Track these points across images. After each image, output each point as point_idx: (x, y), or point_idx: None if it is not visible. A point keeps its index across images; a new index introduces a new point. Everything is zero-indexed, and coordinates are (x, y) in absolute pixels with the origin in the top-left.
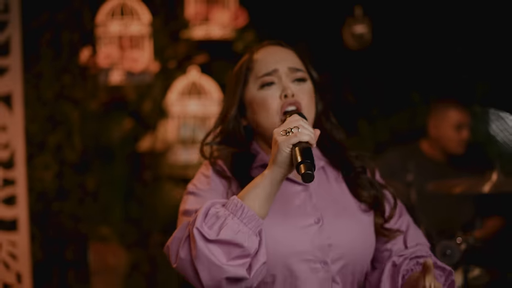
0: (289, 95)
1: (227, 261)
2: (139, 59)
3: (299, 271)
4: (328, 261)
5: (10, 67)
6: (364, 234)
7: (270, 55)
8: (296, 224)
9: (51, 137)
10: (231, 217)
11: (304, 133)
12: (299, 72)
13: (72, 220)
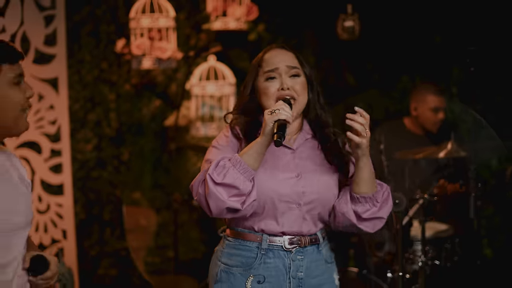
0: (285, 88)
1: (228, 198)
2: (166, 48)
3: (280, 207)
4: (301, 203)
5: (56, 55)
6: (329, 187)
7: (274, 56)
8: (282, 176)
9: (90, 115)
10: (232, 168)
11: (282, 114)
12: (294, 69)
13: (109, 186)
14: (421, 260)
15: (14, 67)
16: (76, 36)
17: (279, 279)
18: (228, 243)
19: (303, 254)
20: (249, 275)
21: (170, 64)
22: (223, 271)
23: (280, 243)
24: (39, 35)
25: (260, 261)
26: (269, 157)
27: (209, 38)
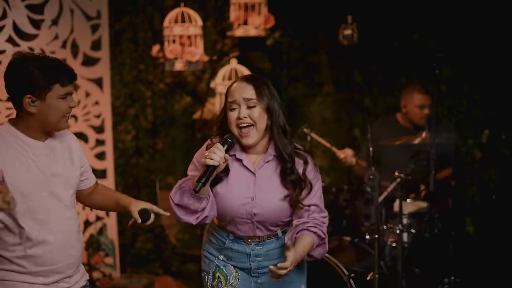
0: (241, 117)
1: (182, 215)
2: (195, 52)
3: (237, 221)
4: (253, 221)
5: (101, 58)
6: (278, 208)
7: (235, 89)
8: (239, 200)
9: (130, 110)
10: (187, 192)
11: (210, 160)
12: (250, 101)
13: (145, 171)
14: (399, 228)
15: (63, 88)
16: (118, 42)
17: (242, 260)
18: (211, 225)
19: (262, 245)
20: (221, 253)
21: (198, 66)
22: (207, 242)
23: (242, 237)
24: (87, 41)
25: (228, 246)
26: (233, 179)
27: (232, 43)
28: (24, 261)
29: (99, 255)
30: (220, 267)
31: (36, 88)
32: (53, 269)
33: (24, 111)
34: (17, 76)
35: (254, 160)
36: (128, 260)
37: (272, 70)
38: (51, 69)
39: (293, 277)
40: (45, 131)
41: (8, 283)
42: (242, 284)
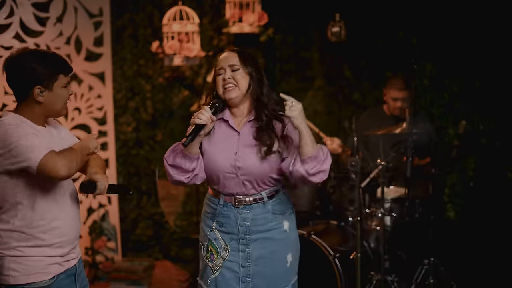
0: (226, 78)
1: (176, 174)
2: (192, 48)
3: (224, 177)
4: (238, 174)
5: (103, 53)
6: (260, 162)
7: (222, 58)
8: (224, 155)
9: (131, 102)
10: (179, 153)
11: (198, 119)
12: (234, 66)
13: (145, 161)
14: (381, 212)
15: (67, 77)
16: (119, 38)
17: (231, 225)
18: (206, 196)
19: (249, 209)
20: (214, 220)
21: (195, 61)
22: (203, 214)
23: (230, 201)
24: (89, 37)
25: (219, 212)
26: (219, 138)
27: (228, 39)
28: (46, 234)
29: (102, 240)
30: (212, 241)
31: (44, 79)
32: (68, 239)
33: (31, 100)
34: (25, 70)
35: (239, 121)
36: (129, 245)
37: (266, 65)
38: (55, 62)
39: (279, 246)
40: (46, 118)
41: (32, 259)
42: (232, 255)
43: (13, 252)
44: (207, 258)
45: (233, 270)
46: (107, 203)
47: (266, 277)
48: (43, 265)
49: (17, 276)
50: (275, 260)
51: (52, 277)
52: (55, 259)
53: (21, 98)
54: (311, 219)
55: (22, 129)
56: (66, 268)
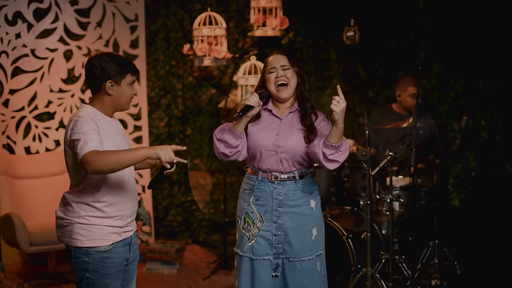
0: (279, 76)
1: (221, 148)
2: (221, 51)
3: (265, 154)
4: (277, 152)
5: (138, 55)
6: (297, 143)
7: (273, 59)
8: (267, 135)
9: (163, 100)
10: (227, 131)
11: (248, 101)
12: (285, 66)
13: (176, 154)
14: (389, 198)
15: (133, 76)
16: (153, 41)
17: (267, 198)
18: (245, 175)
19: (283, 185)
20: (252, 195)
21: (222, 62)
22: (241, 191)
23: (267, 177)
24: (126, 40)
25: (257, 187)
26: (263, 123)
27: (252, 42)
28: (109, 208)
29: (138, 224)
30: (248, 213)
31: (115, 75)
32: (126, 214)
33: (103, 93)
34: (101, 67)
35: (281, 112)
36: (161, 231)
37: None
38: (124, 62)
39: (306, 220)
40: (114, 111)
41: (95, 227)
42: (266, 225)
43: (81, 220)
44: (244, 229)
45: (267, 238)
46: (141, 191)
47: (294, 245)
48: (105, 233)
49: (83, 240)
50: (302, 232)
51: (111, 243)
52: (115, 229)
53: (95, 91)
54: (327, 204)
55: (88, 125)
56: (123, 238)
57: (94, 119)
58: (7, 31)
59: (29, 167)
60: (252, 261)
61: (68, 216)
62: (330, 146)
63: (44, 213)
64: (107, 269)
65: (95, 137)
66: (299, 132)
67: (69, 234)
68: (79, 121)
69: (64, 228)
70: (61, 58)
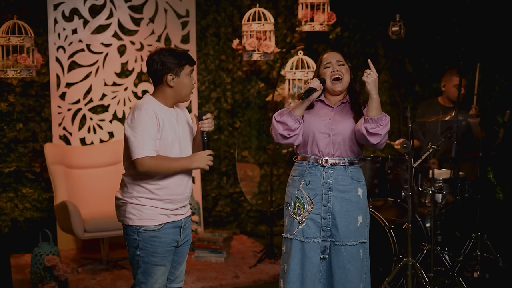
0: (335, 70)
1: (281, 129)
2: (270, 45)
3: (318, 136)
4: (330, 134)
5: (189, 50)
6: (348, 127)
7: (328, 56)
8: (321, 119)
9: (213, 93)
10: (286, 114)
11: (312, 84)
12: (340, 61)
13: (225, 146)
14: (431, 189)
15: (191, 67)
16: (203, 36)
17: (317, 182)
18: (295, 163)
19: (333, 169)
20: (302, 180)
21: (270, 56)
22: (291, 179)
23: (318, 161)
24: (177, 35)
25: (308, 172)
26: (317, 110)
27: (300, 37)
28: (160, 191)
29: None
30: (299, 198)
31: (175, 67)
32: (177, 199)
33: (165, 85)
34: (161, 61)
35: (333, 103)
36: (210, 221)
37: None
38: (182, 55)
39: (353, 207)
40: (175, 102)
41: (146, 207)
42: (316, 208)
43: (134, 201)
44: (295, 213)
45: (316, 221)
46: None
47: (340, 229)
48: (154, 214)
49: (134, 219)
50: (348, 217)
51: (160, 224)
52: (164, 211)
53: (157, 84)
54: (370, 196)
55: (145, 122)
56: (173, 220)
57: (155, 110)
58: (64, 27)
59: (84, 158)
60: (303, 243)
61: (123, 196)
62: (370, 120)
63: (98, 201)
64: (155, 247)
65: (148, 140)
66: (351, 119)
67: (123, 213)
68: (139, 116)
69: (120, 208)
70: (115, 52)
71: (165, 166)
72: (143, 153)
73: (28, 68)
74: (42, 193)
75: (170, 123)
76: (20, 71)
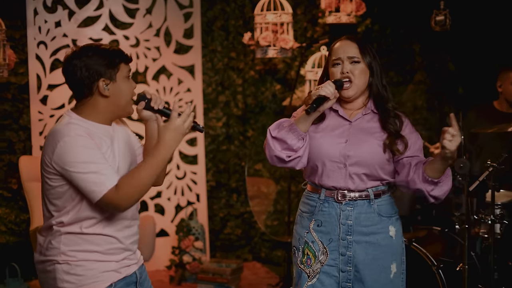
0: (344, 72)
1: (277, 149)
2: (288, 40)
3: (329, 166)
4: (346, 164)
5: (193, 46)
6: (374, 153)
7: (339, 47)
8: (334, 141)
9: (221, 96)
10: (286, 128)
11: (323, 90)
12: (354, 58)
13: (235, 158)
14: (491, 219)
15: (127, 66)
16: (209, 29)
17: (332, 224)
18: (304, 194)
19: (353, 206)
20: (312, 219)
21: (289, 53)
22: (299, 215)
23: (333, 195)
24: (179, 29)
25: (319, 209)
26: (328, 125)
27: (323, 31)
28: (98, 239)
29: (189, 239)
30: (309, 243)
31: (106, 69)
32: (123, 247)
33: (97, 96)
34: (86, 65)
35: (350, 113)
36: (218, 245)
37: None
38: (112, 52)
39: (383, 253)
40: (113, 118)
41: (85, 263)
42: (331, 258)
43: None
44: (303, 263)
45: (332, 275)
46: (195, 200)
47: (367, 285)
48: (97, 273)
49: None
50: (377, 267)
51: (109, 285)
52: (109, 265)
53: (83, 96)
54: (411, 224)
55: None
56: (124, 276)
57: (87, 131)
58: (46, 18)
59: None
60: None
61: (48, 255)
62: (431, 182)
63: None
64: None
65: (104, 166)
66: (375, 138)
67: (53, 283)
68: (73, 146)
69: (47, 275)
70: None
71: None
72: (106, 186)
73: None
74: (20, 214)
75: (106, 145)
76: None
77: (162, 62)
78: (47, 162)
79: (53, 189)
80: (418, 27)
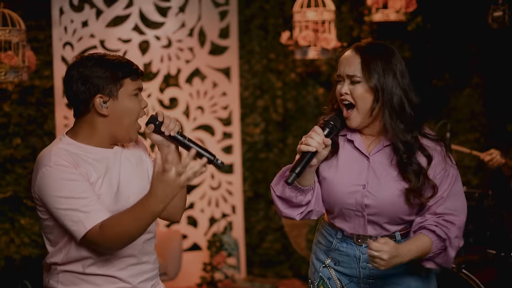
0: (343, 93)
1: (284, 209)
2: (330, 39)
3: (346, 213)
4: (364, 214)
5: (229, 46)
6: (394, 203)
7: (342, 61)
8: (350, 187)
9: (259, 101)
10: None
11: (306, 146)
12: (354, 77)
13: (274, 167)
14: None
15: (135, 82)
16: (247, 29)
17: (350, 265)
18: (321, 221)
19: None
20: (329, 256)
21: (330, 54)
22: (315, 243)
23: (351, 236)
24: (214, 29)
25: (336, 247)
26: (344, 160)
27: (370, 29)
28: (99, 279)
29: (221, 255)
30: (324, 280)
31: (106, 84)
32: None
33: (94, 115)
34: (82, 77)
35: (369, 142)
36: (255, 260)
37: (414, 59)
38: (116, 64)
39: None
40: (113, 141)
41: None
42: None
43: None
44: None
45: None
46: (231, 212)
47: None
48: None
49: None
50: None
51: None
52: None
53: (82, 113)
54: (462, 247)
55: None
56: None
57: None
58: (72, 18)
59: None
60: None
61: None
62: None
63: None
64: None
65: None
66: (398, 181)
67: None
68: (51, 178)
69: None
70: (136, 50)
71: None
72: (85, 226)
73: (15, 69)
74: None
75: (97, 173)
76: (5, 73)
77: (196, 64)
78: (33, 192)
79: (43, 221)
80: (475, 25)
